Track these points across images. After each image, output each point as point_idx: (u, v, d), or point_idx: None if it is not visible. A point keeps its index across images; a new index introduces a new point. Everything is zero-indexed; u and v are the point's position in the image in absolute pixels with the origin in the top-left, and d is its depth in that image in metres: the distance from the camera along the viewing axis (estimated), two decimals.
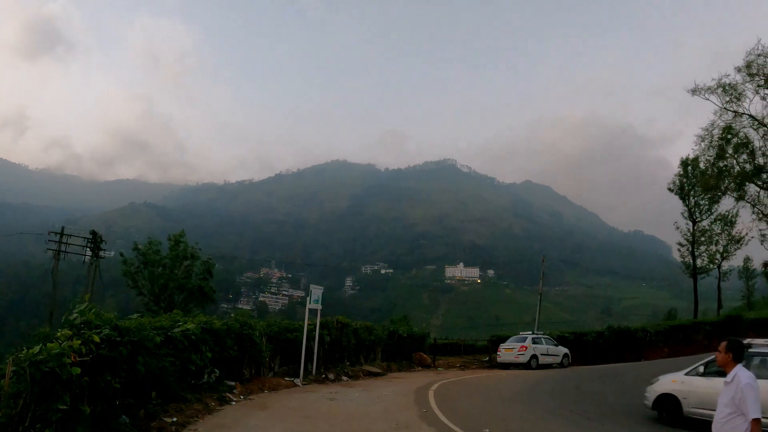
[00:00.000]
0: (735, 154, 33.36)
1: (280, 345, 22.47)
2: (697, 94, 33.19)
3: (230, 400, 16.29)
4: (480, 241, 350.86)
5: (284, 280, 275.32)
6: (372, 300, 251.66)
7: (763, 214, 34.01)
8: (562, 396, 20.92)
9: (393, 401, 18.28)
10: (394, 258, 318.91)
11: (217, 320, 18.10)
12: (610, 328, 45.27)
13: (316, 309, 23.67)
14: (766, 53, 30.24)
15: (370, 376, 26.83)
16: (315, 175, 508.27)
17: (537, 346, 33.94)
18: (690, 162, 57.81)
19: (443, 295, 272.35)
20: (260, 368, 20.61)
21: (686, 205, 62.09)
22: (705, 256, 63.66)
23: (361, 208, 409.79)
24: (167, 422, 12.50)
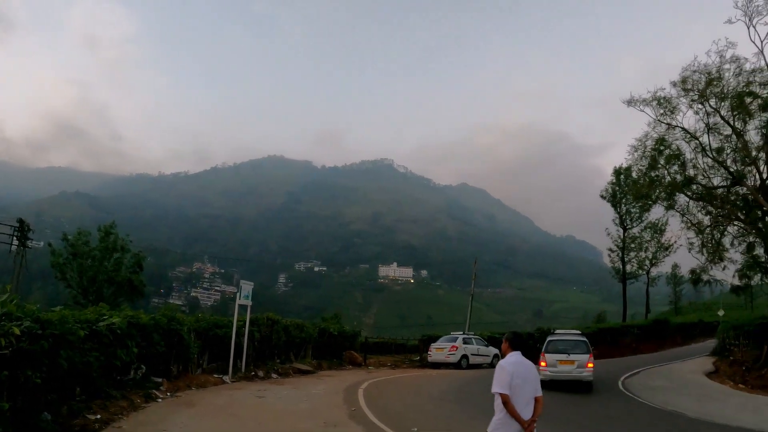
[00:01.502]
0: (667, 164, 34.56)
1: (209, 341, 22.17)
2: (632, 106, 34.25)
3: (157, 397, 16.12)
4: (414, 242, 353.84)
5: (217, 276, 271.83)
6: (305, 297, 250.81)
7: (691, 224, 35.36)
8: (491, 395, 21.18)
9: (322, 400, 18.39)
10: (328, 256, 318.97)
11: (144, 315, 17.75)
12: (540, 329, 46.33)
13: (247, 305, 23.63)
14: (702, 70, 31.47)
15: (300, 374, 26.82)
16: (252, 169, 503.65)
17: (468, 346, 34.55)
18: (623, 171, 59.81)
19: (376, 294, 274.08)
20: (188, 365, 20.32)
21: (618, 212, 64.22)
22: (634, 262, 65.91)
23: (297, 205, 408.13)
24: (91, 419, 12.29)
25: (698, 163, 34.45)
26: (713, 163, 33.86)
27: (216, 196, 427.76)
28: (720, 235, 35.15)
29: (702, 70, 31.50)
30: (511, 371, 7.36)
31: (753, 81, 30.96)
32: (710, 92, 31.46)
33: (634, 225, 64.52)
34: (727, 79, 31.22)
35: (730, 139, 33.11)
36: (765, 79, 30.64)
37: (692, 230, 35.50)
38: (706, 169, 34.40)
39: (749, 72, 30.96)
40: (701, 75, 31.54)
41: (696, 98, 32.24)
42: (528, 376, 7.53)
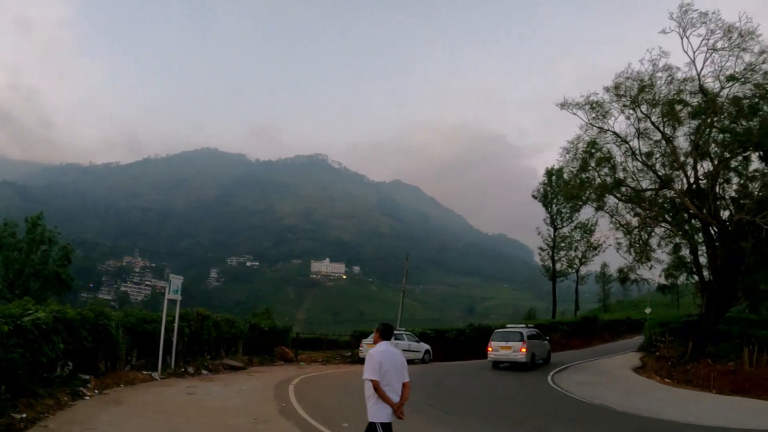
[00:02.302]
0: (597, 167, 35.46)
1: (138, 337, 21.75)
2: (565, 109, 35.02)
3: (84, 394, 15.78)
4: (347, 238, 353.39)
5: (148, 270, 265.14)
6: (237, 293, 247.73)
7: (620, 224, 36.46)
8: (422, 391, 21.36)
9: (253, 396, 18.37)
10: (260, 251, 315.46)
11: (71, 310, 17.38)
12: (471, 326, 47.28)
13: (176, 300, 23.38)
14: (635, 77, 32.59)
15: (230, 370, 26.65)
16: (184, 161, 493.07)
17: (399, 342, 34.40)
18: (554, 172, 61.20)
19: (308, 289, 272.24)
20: (116, 361, 19.97)
21: (549, 212, 65.76)
22: (564, 261, 67.59)
23: (230, 199, 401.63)
24: (16, 418, 12.01)
25: (628, 166, 35.46)
26: (642, 167, 34.92)
27: (148, 187, 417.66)
28: (647, 236, 36.10)
29: (635, 77, 32.63)
30: (380, 359, 7.92)
31: (684, 89, 32.26)
32: (642, 99, 32.58)
33: (564, 225, 66.14)
34: (659, 87, 32.43)
35: (659, 145, 34.30)
36: (695, 88, 31.93)
37: (621, 231, 36.48)
38: (635, 172, 35.42)
39: (680, 81, 32.25)
40: (634, 82, 32.65)
41: (628, 104, 33.28)
42: (395, 363, 8.13)
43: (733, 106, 30.52)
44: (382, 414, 7.83)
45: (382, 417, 7.81)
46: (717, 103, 30.63)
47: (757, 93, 30.45)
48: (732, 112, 30.72)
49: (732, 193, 33.40)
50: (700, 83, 31.63)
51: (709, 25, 30.29)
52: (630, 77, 32.83)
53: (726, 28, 29.98)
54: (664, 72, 32.17)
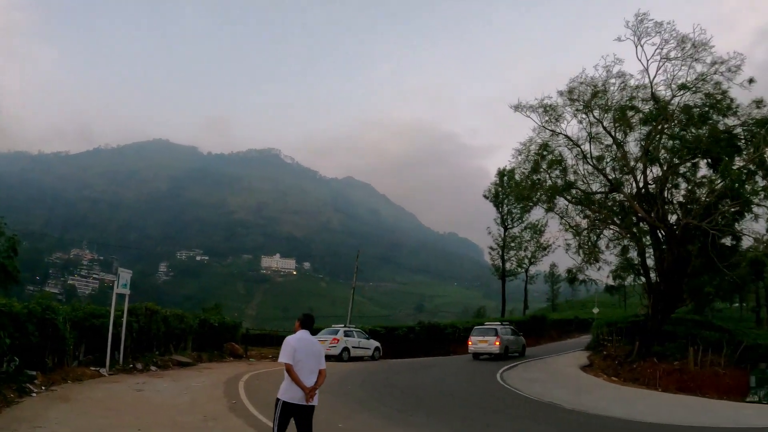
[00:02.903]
0: (549, 169, 35.94)
1: (86, 332, 21.09)
2: (519, 111, 35.42)
3: (31, 391, 15.40)
4: (298, 233, 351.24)
5: (96, 263, 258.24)
6: (186, 287, 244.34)
7: (570, 226, 36.98)
8: (372, 388, 21.59)
9: (202, 392, 18.11)
10: (210, 245, 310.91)
11: (17, 303, 16.91)
12: (421, 323, 47.53)
13: (125, 294, 22.86)
14: (589, 82, 33.20)
15: (179, 366, 26.14)
16: (136, 152, 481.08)
17: (349, 339, 34.76)
18: (506, 173, 61.62)
19: (258, 285, 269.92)
20: (64, 357, 19.36)
21: (500, 212, 66.26)
22: (514, 260, 68.18)
23: (181, 191, 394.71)
24: None
25: (579, 169, 36.10)
26: (593, 170, 35.58)
27: (97, 178, 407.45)
28: (596, 238, 36.85)
29: (589, 83, 33.26)
30: (295, 346, 8.46)
31: (636, 96, 33.04)
32: (595, 104, 33.26)
33: (514, 225, 66.71)
34: (612, 93, 33.14)
35: (610, 149, 35.03)
36: (647, 95, 32.73)
37: (570, 232, 37.03)
38: (586, 175, 36.09)
39: (633, 87, 33.04)
40: (588, 87, 33.27)
41: (581, 108, 33.90)
42: (311, 350, 8.66)
43: (683, 114, 31.38)
44: (290, 394, 8.34)
45: (288, 397, 8.33)
46: (668, 111, 31.48)
47: (707, 102, 31.35)
48: (682, 119, 31.58)
49: (680, 198, 34.24)
50: (652, 91, 32.45)
51: (663, 34, 31.18)
52: (584, 82, 33.46)
53: (680, 39, 30.86)
54: (617, 78, 32.93)
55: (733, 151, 30.63)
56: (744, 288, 42.45)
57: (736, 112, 31.16)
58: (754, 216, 31.08)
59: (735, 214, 31.09)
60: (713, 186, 30.63)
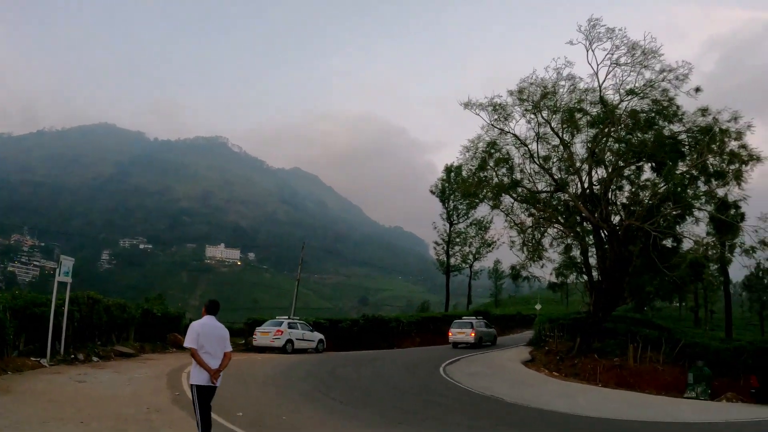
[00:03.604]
0: (496, 167, 36.28)
1: (26, 321, 20.56)
2: (469, 109, 35.62)
3: None
4: (243, 223, 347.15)
5: (37, 249, 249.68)
6: (129, 276, 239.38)
7: (514, 223, 37.34)
8: (316, 380, 21.51)
9: (145, 384, 17.79)
10: (154, 233, 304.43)
11: None
12: (365, 316, 47.51)
13: (67, 282, 22.25)
14: (539, 83, 33.65)
15: (122, 357, 25.61)
16: (81, 136, 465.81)
17: (293, 331, 34.37)
18: (453, 169, 62.13)
19: (202, 275, 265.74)
20: (4, 347, 18.92)
21: (446, 208, 66.89)
22: (459, 256, 68.99)
23: (126, 177, 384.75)
24: None
25: (525, 168, 36.60)
26: (540, 170, 36.15)
27: (40, 162, 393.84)
28: (540, 236, 37.34)
29: (539, 84, 33.68)
30: (199, 330, 8.98)
31: (585, 99, 33.62)
32: (544, 105, 33.73)
33: (460, 221, 67.48)
34: (561, 95, 33.68)
35: (557, 149, 35.56)
36: (596, 98, 33.34)
37: (515, 230, 37.42)
38: (532, 174, 36.61)
39: (582, 90, 33.62)
40: (538, 88, 33.70)
41: (530, 108, 34.31)
42: (215, 334, 9.16)
43: (630, 119, 32.07)
44: (200, 378, 8.92)
45: (199, 380, 8.91)
46: (615, 115, 32.15)
47: (654, 108, 32.14)
48: (629, 124, 32.28)
49: (623, 199, 34.95)
50: (600, 94, 33.11)
51: (614, 40, 31.87)
52: (534, 83, 33.88)
53: (631, 45, 31.60)
54: (567, 81, 33.53)
55: (677, 156, 31.45)
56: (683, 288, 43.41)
57: (682, 119, 32.07)
58: (695, 219, 32.11)
59: (676, 217, 31.96)
60: (656, 189, 31.36)
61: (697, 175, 31.50)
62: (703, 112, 31.13)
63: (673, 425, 17.65)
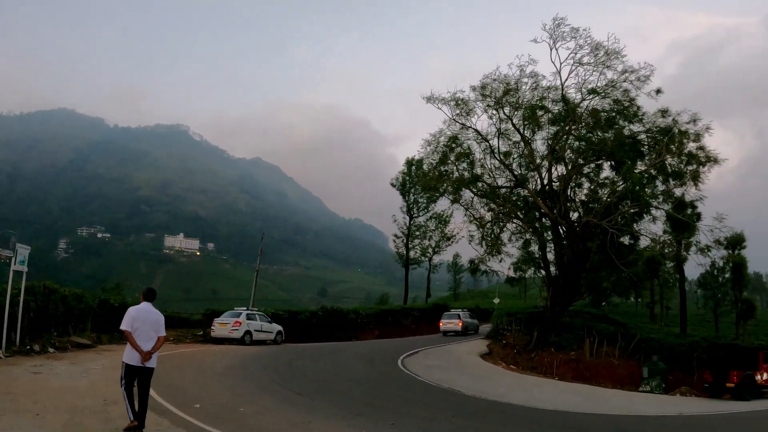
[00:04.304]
0: (457, 161, 36.30)
1: None
2: (431, 103, 35.52)
3: None
4: (203, 213, 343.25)
5: None
6: (86, 266, 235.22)
7: (474, 218, 37.46)
8: (274, 372, 21.27)
9: (102, 375, 17.31)
10: (113, 222, 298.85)
11: None
12: (324, 308, 47.16)
13: (22, 271, 21.54)
14: (502, 80, 33.74)
15: (78, 348, 25.07)
16: (40, 121, 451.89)
17: (251, 322, 33.84)
18: (415, 163, 62.31)
19: (161, 265, 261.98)
20: None
21: (406, 201, 67.04)
22: (418, 249, 69.18)
23: (84, 164, 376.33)
24: None
25: (486, 163, 36.71)
26: (500, 165, 36.27)
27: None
28: (499, 231, 37.49)
29: (502, 80, 33.74)
30: (134, 315, 9.91)
31: (547, 97, 33.80)
32: (506, 101, 33.78)
33: (420, 214, 67.70)
34: (524, 92, 33.79)
35: (518, 146, 35.74)
36: (558, 97, 33.55)
37: (474, 224, 37.54)
38: (492, 169, 36.72)
39: (545, 88, 33.80)
40: (500, 84, 33.73)
41: (492, 104, 34.36)
42: (149, 319, 10.05)
43: (591, 118, 32.33)
44: (131, 358, 9.86)
45: (130, 360, 9.87)
46: (577, 113, 32.37)
47: (615, 108, 32.51)
48: (590, 122, 32.54)
49: (582, 197, 35.38)
50: (563, 93, 33.33)
51: (578, 40, 32.13)
52: (497, 79, 33.92)
53: (594, 45, 31.89)
54: (530, 78, 33.65)
55: (636, 155, 31.89)
56: (640, 285, 44.17)
57: (642, 119, 32.55)
58: (652, 218, 32.62)
59: (634, 215, 32.41)
60: (615, 187, 31.75)
61: (656, 174, 32.00)
62: (663, 114, 31.64)
63: (627, 418, 17.76)
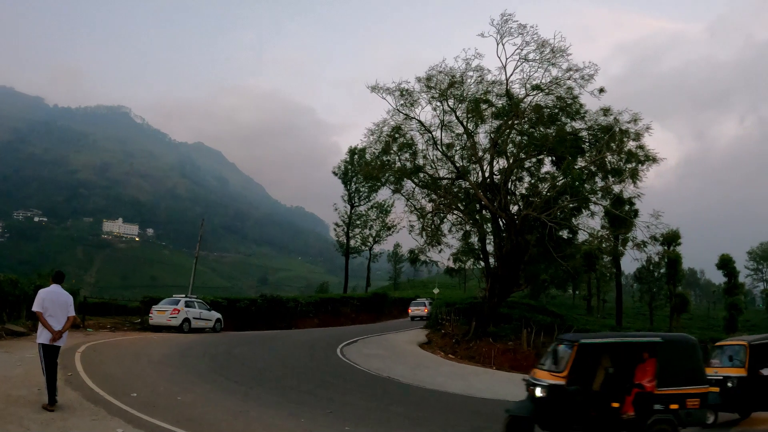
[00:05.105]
0: (399, 151, 36.28)
1: None
2: (375, 92, 35.36)
3: None
4: (143, 198, 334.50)
5: None
6: (22, 251, 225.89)
7: (415, 208, 37.47)
8: (212, 360, 21.00)
9: (37, 364, 16.21)
10: (50, 205, 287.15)
11: None
12: (263, 296, 46.62)
13: None
14: (447, 72, 33.69)
15: (13, 336, 24.21)
16: None
17: (190, 310, 33.09)
18: (357, 152, 62.04)
19: (99, 251, 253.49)
20: None
21: (347, 189, 66.72)
22: (359, 238, 68.94)
23: (21, 145, 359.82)
24: None
25: (429, 154, 36.75)
26: (442, 157, 36.34)
27: None
28: (440, 222, 37.69)
29: (448, 72, 33.70)
30: (44, 297, 10.75)
31: (491, 91, 33.91)
32: (451, 93, 33.80)
33: (361, 203, 67.54)
34: (469, 85, 33.89)
35: (461, 138, 35.85)
36: (502, 91, 33.65)
37: (415, 214, 37.61)
38: (435, 160, 36.79)
39: (490, 82, 33.89)
40: (446, 76, 33.70)
41: (437, 96, 34.36)
42: (59, 301, 10.98)
43: (534, 113, 32.56)
44: (45, 337, 10.74)
45: (44, 340, 10.75)
46: (520, 108, 32.59)
47: (558, 105, 32.85)
48: (533, 118, 32.78)
49: (523, 190, 35.73)
50: (507, 88, 33.44)
51: (525, 36, 32.25)
52: (443, 72, 33.89)
53: (540, 43, 32.08)
54: (475, 72, 33.73)
55: (576, 152, 32.27)
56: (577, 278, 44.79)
57: (584, 116, 33.00)
58: (590, 213, 33.30)
59: (573, 209, 32.82)
60: (555, 182, 32.08)
61: (596, 171, 32.48)
62: (605, 112, 32.10)
63: None
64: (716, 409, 14.49)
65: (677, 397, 11.57)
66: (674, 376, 11.71)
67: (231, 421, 12.03)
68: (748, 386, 14.66)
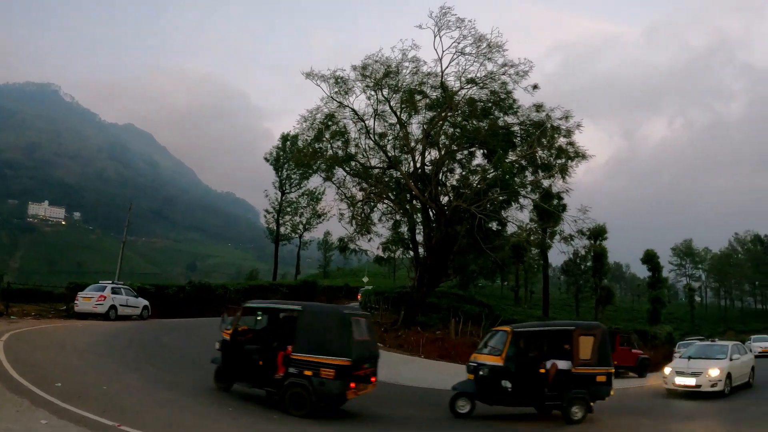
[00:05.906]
0: (331, 139, 36.01)
1: None
2: (310, 79, 34.97)
3: None
4: (70, 180, 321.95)
5: None
6: None
7: (345, 196, 37.27)
8: (139, 348, 20.57)
9: None
10: None
11: None
12: (192, 283, 45.69)
13: None
14: (383, 62, 33.51)
15: None
16: None
17: (116, 297, 32.21)
18: (289, 138, 61.29)
19: (24, 234, 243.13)
20: None
21: (279, 176, 65.72)
22: (289, 225, 68.11)
23: None
24: None
25: (361, 143, 36.57)
26: (375, 146, 36.23)
27: None
28: (370, 211, 37.56)
29: (383, 62, 33.49)
30: None
31: (426, 82, 33.85)
32: (386, 83, 33.61)
33: (292, 190, 66.62)
34: (404, 75, 33.73)
35: (394, 128, 35.68)
36: (437, 83, 33.62)
37: (345, 202, 37.40)
38: (367, 149, 36.60)
39: (425, 74, 33.83)
40: (381, 66, 33.48)
41: (371, 85, 34.11)
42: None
43: (467, 106, 32.75)
44: None
45: None
46: (454, 101, 32.71)
47: (492, 99, 33.09)
48: (466, 111, 32.95)
49: (454, 182, 35.82)
50: (442, 80, 33.50)
51: (463, 30, 32.38)
52: (379, 61, 33.68)
53: (478, 37, 32.25)
54: (411, 63, 33.69)
55: (508, 146, 32.59)
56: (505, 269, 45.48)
57: (517, 112, 33.36)
58: (520, 206, 33.70)
59: (503, 202, 33.15)
60: (486, 175, 32.24)
61: (526, 165, 32.85)
62: (537, 108, 32.49)
63: None
64: (472, 397, 14.67)
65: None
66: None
67: (159, 410, 11.76)
68: (500, 377, 14.34)
